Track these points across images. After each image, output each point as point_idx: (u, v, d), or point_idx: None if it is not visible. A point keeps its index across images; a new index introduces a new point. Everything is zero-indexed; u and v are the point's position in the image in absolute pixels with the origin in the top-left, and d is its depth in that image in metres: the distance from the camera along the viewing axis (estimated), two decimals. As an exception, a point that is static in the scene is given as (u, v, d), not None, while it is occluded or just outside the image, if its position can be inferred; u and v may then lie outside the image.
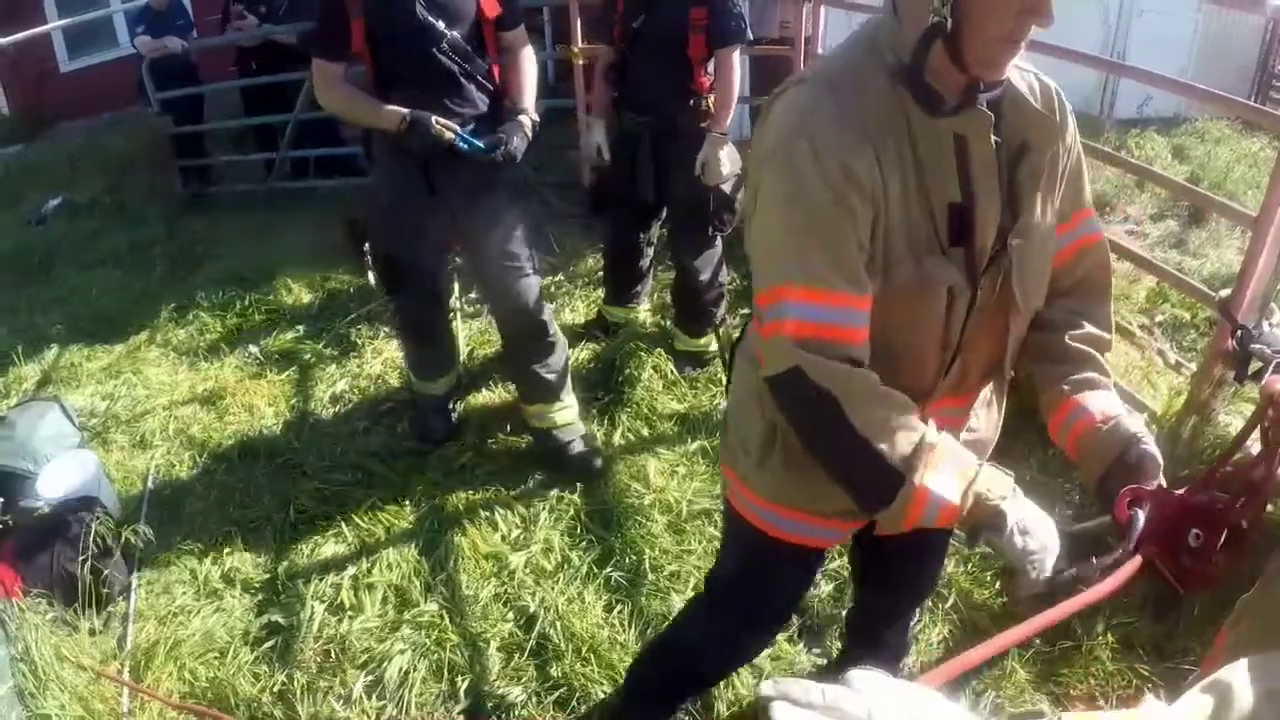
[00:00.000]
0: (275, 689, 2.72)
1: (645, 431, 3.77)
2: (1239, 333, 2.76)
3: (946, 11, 1.25)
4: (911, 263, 1.39)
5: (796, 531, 1.75)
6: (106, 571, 3.12)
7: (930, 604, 2.82)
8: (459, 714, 2.63)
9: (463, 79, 3.09)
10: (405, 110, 2.99)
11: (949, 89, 1.34)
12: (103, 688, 2.68)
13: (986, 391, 1.72)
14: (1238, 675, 0.88)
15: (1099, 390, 1.55)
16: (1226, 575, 1.30)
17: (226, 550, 3.36)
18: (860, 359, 1.37)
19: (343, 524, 3.37)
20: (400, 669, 2.74)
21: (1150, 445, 1.44)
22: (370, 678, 2.73)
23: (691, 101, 3.64)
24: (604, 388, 4.00)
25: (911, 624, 2.43)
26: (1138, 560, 1.26)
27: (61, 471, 3.50)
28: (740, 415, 1.74)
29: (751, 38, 3.80)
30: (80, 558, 3.08)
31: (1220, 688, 0.87)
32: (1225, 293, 2.98)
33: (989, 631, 2.73)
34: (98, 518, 3.26)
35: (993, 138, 1.37)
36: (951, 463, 1.36)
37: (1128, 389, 3.36)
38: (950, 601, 2.83)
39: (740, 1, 3.60)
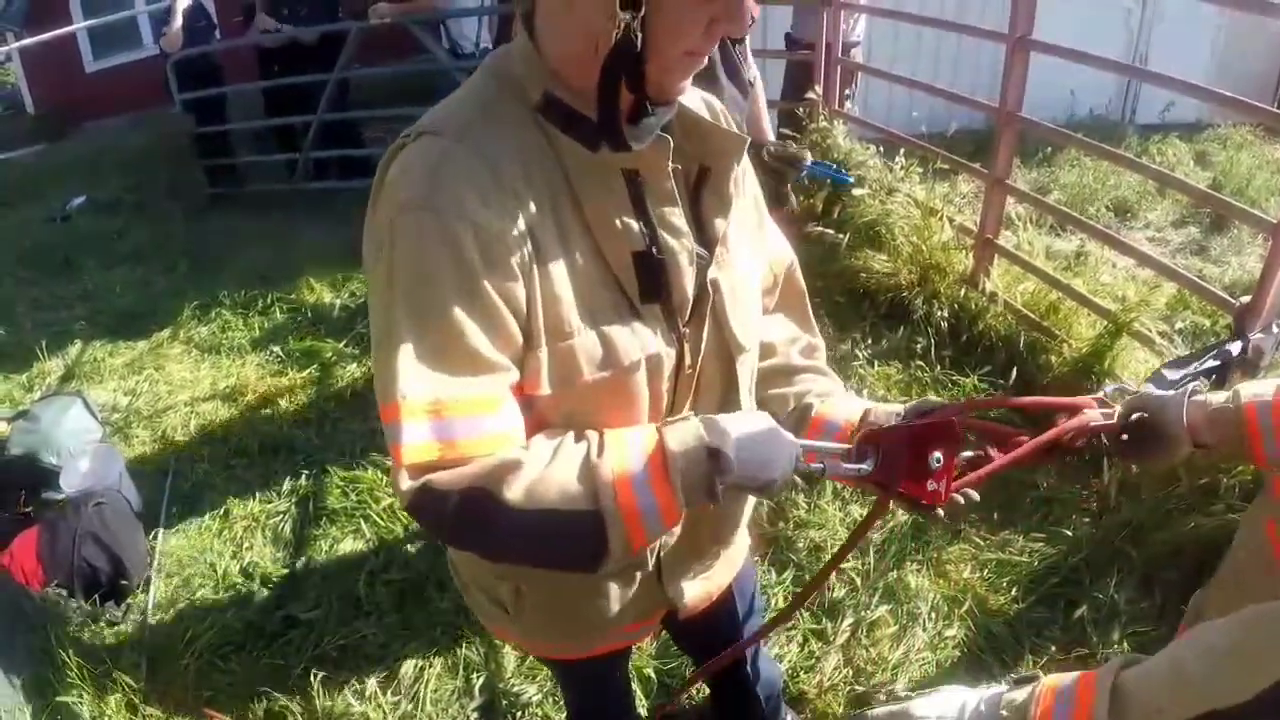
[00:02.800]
0: (292, 683, 2.74)
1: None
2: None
3: (636, 33, 1.01)
4: (595, 336, 1.13)
5: (609, 644, 1.55)
6: (127, 564, 3.16)
7: (945, 607, 2.83)
8: (474, 711, 2.64)
9: None
10: None
11: (620, 114, 1.09)
12: (119, 678, 2.71)
13: None
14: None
15: (837, 398, 1.45)
16: (975, 486, 1.30)
17: (246, 545, 3.40)
18: (516, 451, 1.10)
19: (361, 521, 3.39)
20: (416, 665, 2.76)
21: (888, 407, 1.37)
22: (386, 673, 2.75)
23: None
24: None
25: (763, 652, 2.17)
26: (884, 498, 1.25)
27: (84, 465, 3.54)
28: (477, 577, 1.48)
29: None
30: (101, 550, 3.12)
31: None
32: (1246, 299, 2.97)
33: (1003, 638, 2.74)
34: (119, 511, 3.31)
35: (670, 165, 1.16)
36: (633, 448, 1.11)
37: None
38: (965, 606, 2.83)
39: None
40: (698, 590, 1.48)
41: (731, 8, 1.05)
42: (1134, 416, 1.47)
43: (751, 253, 1.34)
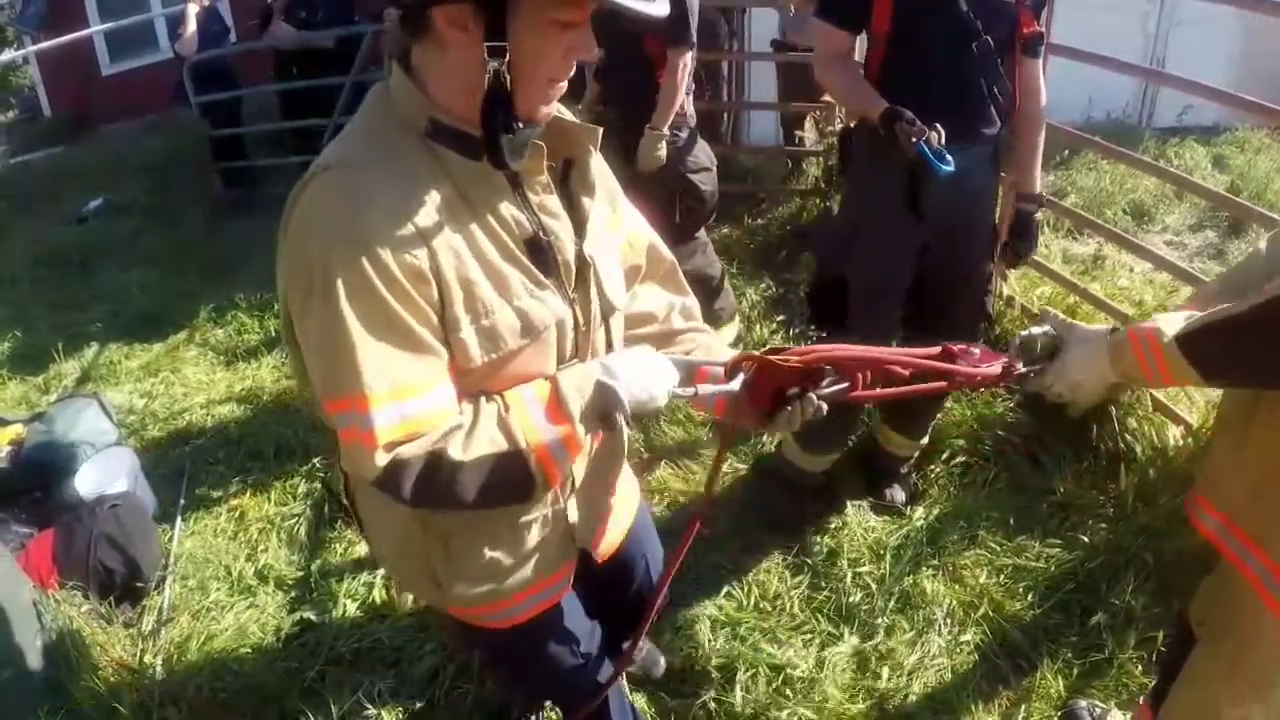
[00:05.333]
0: (306, 685, 2.74)
1: (681, 436, 3.77)
2: None
3: (505, 70, 1.22)
4: (511, 312, 1.36)
5: (529, 608, 1.71)
6: (142, 566, 3.17)
7: (961, 612, 2.81)
8: (488, 715, 2.64)
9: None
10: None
11: (501, 137, 1.28)
12: (133, 680, 2.71)
13: None
14: None
15: (717, 351, 1.68)
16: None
17: (261, 547, 3.40)
18: (454, 420, 1.33)
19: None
20: (430, 668, 2.75)
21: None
22: (400, 676, 2.75)
23: (648, 99, 3.81)
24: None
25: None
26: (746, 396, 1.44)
27: (99, 467, 3.56)
28: (405, 550, 1.65)
29: (688, 39, 3.81)
30: (116, 552, 3.13)
31: None
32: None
33: (1019, 643, 2.72)
34: (134, 513, 3.32)
35: (546, 163, 1.38)
36: (529, 400, 1.37)
37: (1164, 401, 3.33)
38: (981, 611, 2.81)
39: (692, 7, 3.69)
40: (602, 530, 1.75)
41: (583, 38, 1.28)
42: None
43: (608, 229, 1.58)
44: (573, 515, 1.66)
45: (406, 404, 1.28)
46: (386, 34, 1.42)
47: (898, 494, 3.30)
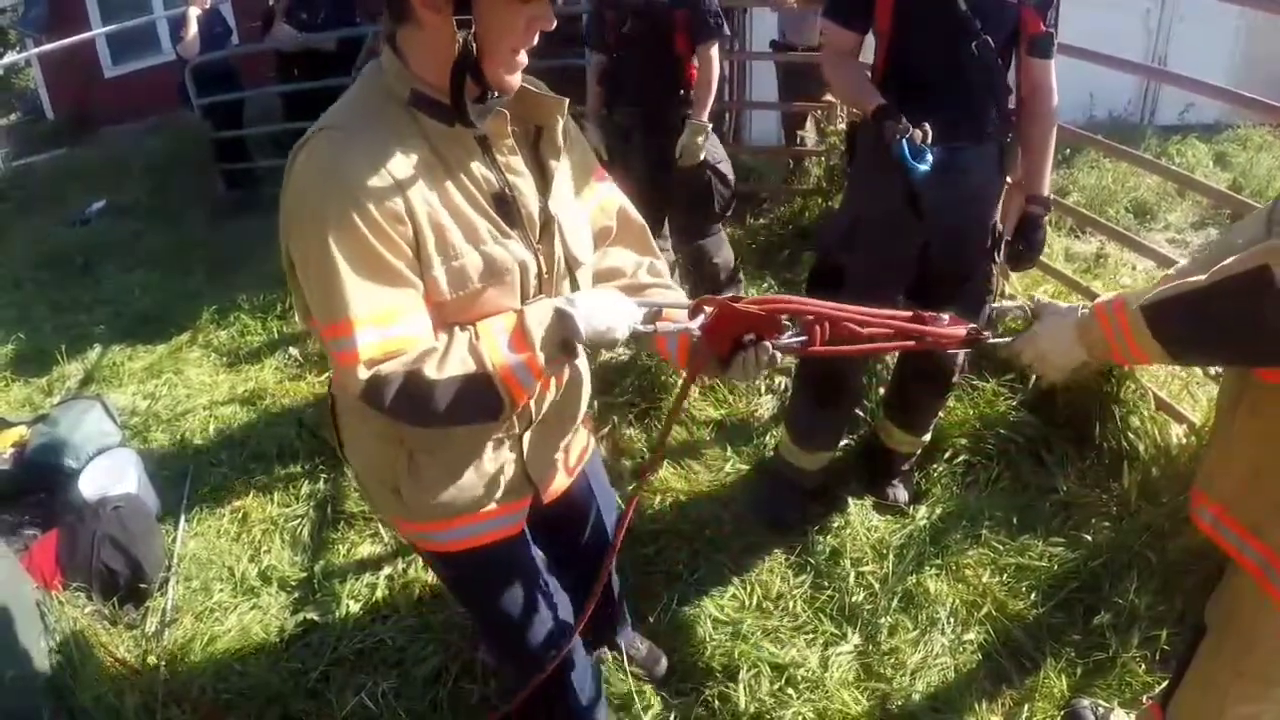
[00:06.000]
0: (310, 686, 2.75)
1: (684, 437, 3.77)
2: None
3: (471, 42, 1.41)
4: (478, 255, 1.54)
5: (480, 533, 1.89)
6: (145, 567, 3.17)
7: (964, 611, 2.81)
8: (491, 716, 2.64)
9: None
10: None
11: (467, 100, 1.48)
12: (136, 681, 2.72)
13: None
14: None
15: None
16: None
17: (264, 549, 3.41)
18: (430, 344, 1.51)
19: (379, 525, 3.39)
20: (433, 669, 2.76)
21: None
22: (403, 677, 2.75)
23: (680, 93, 3.95)
24: (639, 394, 3.99)
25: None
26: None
27: (103, 469, 3.57)
28: (374, 464, 1.85)
29: (724, 35, 4.02)
30: (119, 553, 3.13)
31: None
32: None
33: (1022, 642, 2.72)
34: (138, 514, 3.32)
35: (509, 128, 1.58)
36: (497, 328, 1.54)
37: (1166, 399, 3.33)
38: (985, 610, 2.81)
39: (715, 3, 3.85)
40: (553, 471, 1.98)
41: (544, 9, 1.46)
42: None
43: (578, 192, 1.78)
44: (527, 448, 1.86)
45: (387, 328, 1.47)
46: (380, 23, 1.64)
47: (900, 493, 3.30)
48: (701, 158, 3.94)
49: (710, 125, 3.97)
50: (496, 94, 1.52)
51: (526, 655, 2.08)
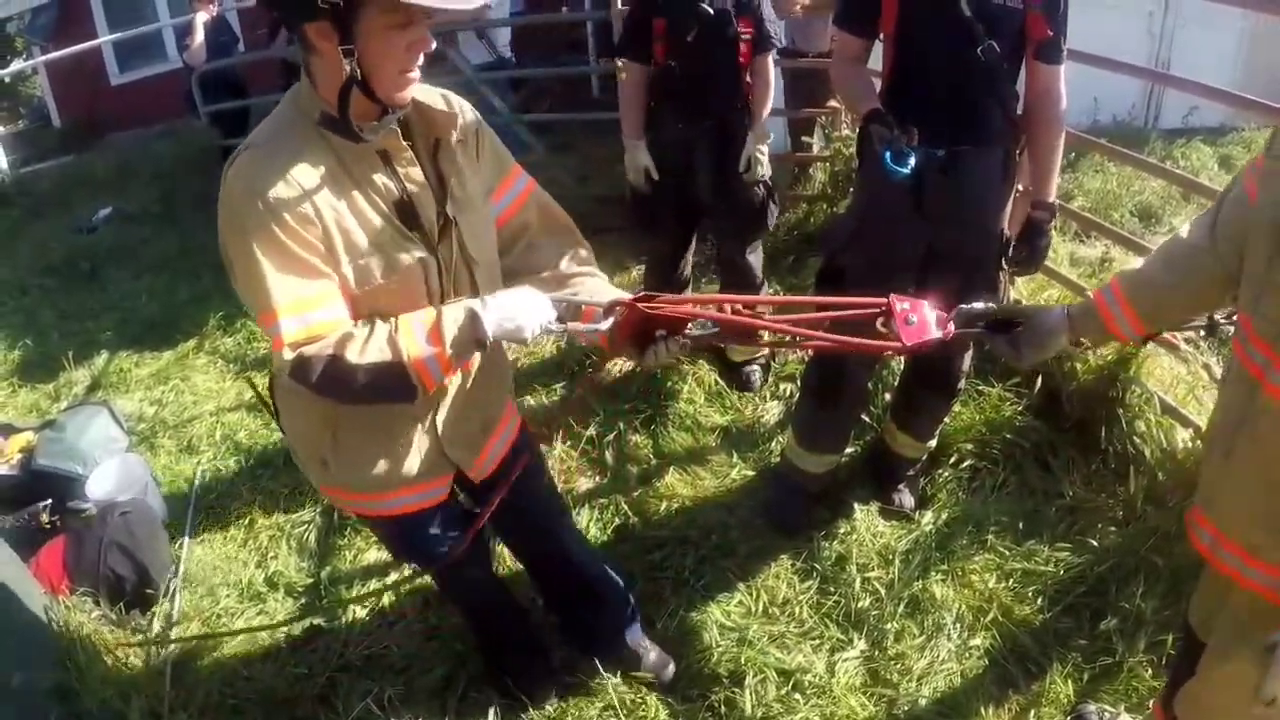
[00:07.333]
0: (316, 692, 2.75)
1: (690, 443, 3.77)
2: None
3: (355, 67, 1.58)
4: (380, 255, 1.75)
5: (399, 505, 2.11)
6: (152, 573, 3.18)
7: (970, 616, 2.81)
8: (497, 721, 2.64)
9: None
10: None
11: (368, 119, 1.69)
12: (143, 687, 2.72)
13: None
14: None
15: (603, 292, 1.95)
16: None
17: (271, 554, 3.42)
18: (349, 328, 1.72)
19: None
20: (440, 675, 2.76)
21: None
22: (410, 683, 2.75)
23: (740, 105, 3.82)
24: (645, 400, 4.00)
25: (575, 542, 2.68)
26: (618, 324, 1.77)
27: (110, 474, 3.58)
28: (305, 438, 2.07)
29: (780, 46, 3.91)
30: (126, 559, 3.14)
31: None
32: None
33: (1028, 648, 2.72)
34: (145, 520, 3.33)
35: (404, 143, 1.77)
36: (416, 324, 1.73)
37: (1172, 403, 3.32)
38: (991, 615, 2.81)
39: (771, 12, 3.79)
40: (472, 454, 2.15)
41: (421, 34, 1.63)
42: (1019, 325, 1.92)
43: (488, 193, 1.97)
44: (442, 429, 2.04)
45: (306, 314, 1.67)
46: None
47: (906, 499, 3.30)
48: (767, 167, 3.85)
49: (771, 136, 3.90)
50: (393, 111, 1.70)
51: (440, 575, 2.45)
